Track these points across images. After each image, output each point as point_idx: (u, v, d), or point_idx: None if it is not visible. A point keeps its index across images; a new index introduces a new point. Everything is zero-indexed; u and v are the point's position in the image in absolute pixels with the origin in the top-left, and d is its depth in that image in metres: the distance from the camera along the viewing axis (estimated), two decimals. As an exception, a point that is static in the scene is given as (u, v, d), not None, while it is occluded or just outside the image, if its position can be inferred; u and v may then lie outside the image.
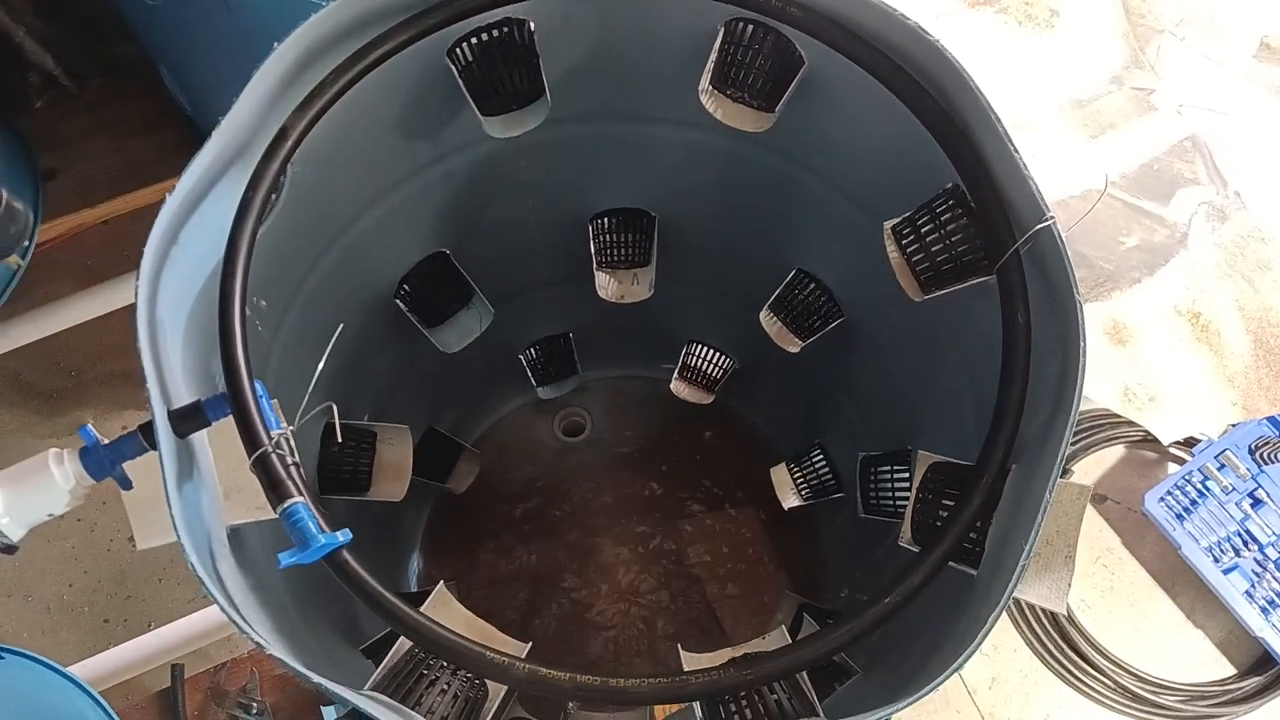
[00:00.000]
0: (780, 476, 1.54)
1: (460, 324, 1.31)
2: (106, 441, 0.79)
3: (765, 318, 1.33)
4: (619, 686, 0.71)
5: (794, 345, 1.31)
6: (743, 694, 0.74)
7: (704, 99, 1.04)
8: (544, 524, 1.69)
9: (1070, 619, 1.63)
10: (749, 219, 1.27)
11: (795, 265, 1.27)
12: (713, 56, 1.00)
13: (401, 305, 1.25)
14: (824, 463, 1.50)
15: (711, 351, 1.60)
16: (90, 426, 0.75)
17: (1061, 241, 0.80)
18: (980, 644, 0.70)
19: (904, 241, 0.98)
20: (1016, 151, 0.82)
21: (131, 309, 0.77)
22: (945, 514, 0.92)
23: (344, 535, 0.73)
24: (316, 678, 0.67)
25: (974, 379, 1.03)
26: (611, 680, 0.71)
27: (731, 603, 1.65)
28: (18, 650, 1.45)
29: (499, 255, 1.32)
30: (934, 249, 0.95)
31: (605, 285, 1.35)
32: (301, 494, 0.74)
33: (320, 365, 0.87)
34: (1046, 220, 0.80)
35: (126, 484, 0.77)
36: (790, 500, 1.53)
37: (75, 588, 2.12)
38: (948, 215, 0.93)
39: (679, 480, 1.73)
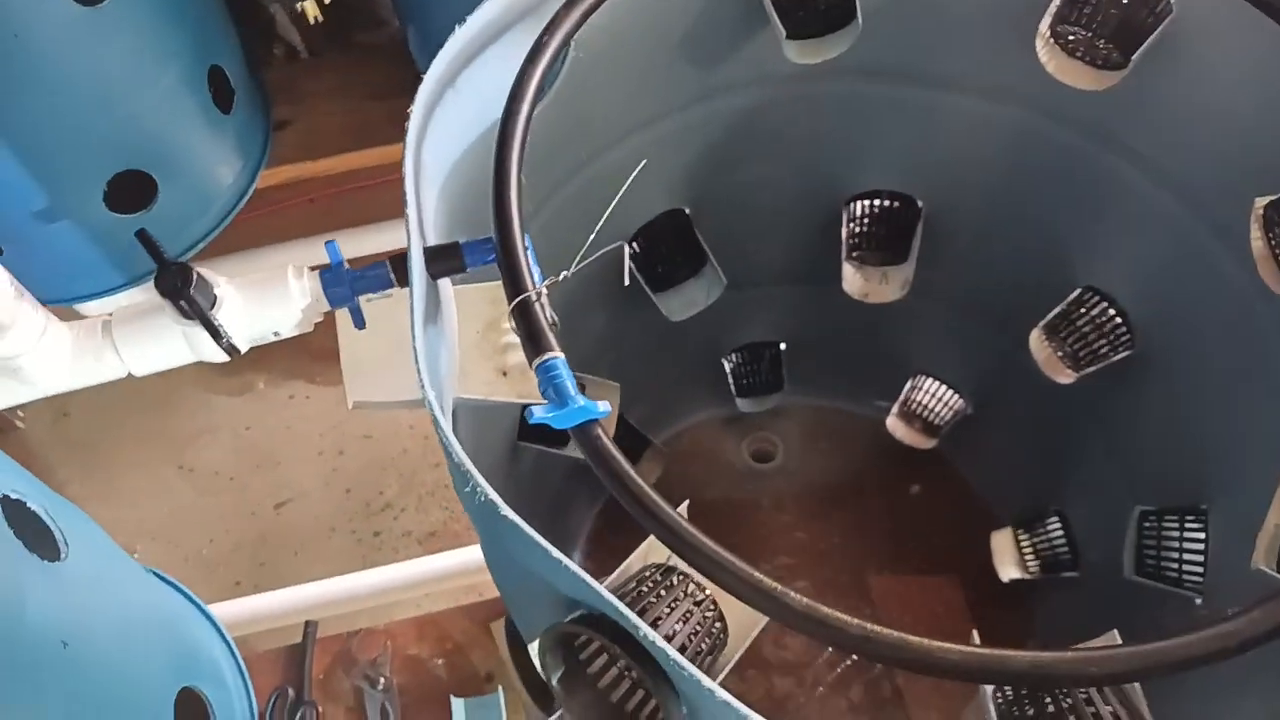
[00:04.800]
0: (1002, 543, 1.34)
1: (687, 293, 1.20)
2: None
3: (1036, 340, 1.16)
4: (924, 648, 0.55)
5: (1065, 376, 1.14)
6: (1065, 694, 0.57)
7: (1039, 46, 0.91)
8: (714, 552, 1.51)
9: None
10: (1032, 219, 1.12)
11: (1080, 277, 1.10)
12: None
13: (630, 262, 1.14)
14: (1060, 532, 1.30)
15: (943, 388, 1.43)
16: (337, 244, 0.66)
17: None
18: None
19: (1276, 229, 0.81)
20: None
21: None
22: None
23: (604, 406, 0.61)
24: (557, 552, 0.54)
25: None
26: (912, 640, 0.55)
27: (918, 686, 1.44)
28: (167, 578, 1.40)
29: (734, 228, 1.21)
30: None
31: (850, 279, 1.21)
32: (559, 351, 0.63)
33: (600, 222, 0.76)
34: None
35: (360, 320, 0.67)
36: (1011, 572, 1.33)
37: (215, 544, 2.08)
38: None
39: (872, 534, 1.54)
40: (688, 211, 1.15)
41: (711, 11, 0.93)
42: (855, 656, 0.63)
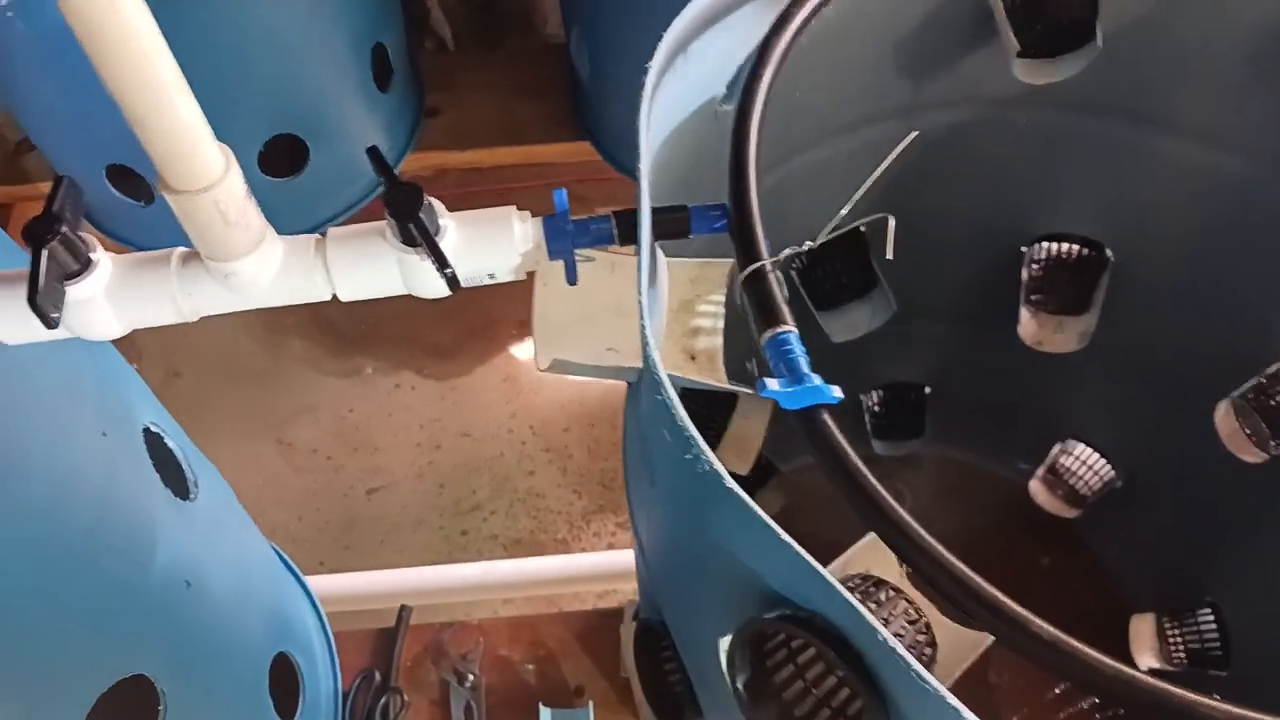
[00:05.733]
0: (1143, 629, 1.25)
1: (851, 314, 1.14)
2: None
3: (1223, 414, 1.08)
4: (1187, 701, 0.48)
5: (1253, 455, 1.05)
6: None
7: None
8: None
9: None
10: (1239, 283, 1.04)
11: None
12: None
13: (794, 274, 1.10)
14: (1214, 626, 1.20)
15: (1095, 456, 1.35)
16: (565, 192, 0.63)
17: None
18: None
19: None
20: None
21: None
22: None
23: (837, 391, 0.56)
24: (787, 537, 0.49)
25: None
26: (1175, 692, 0.49)
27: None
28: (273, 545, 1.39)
29: (903, 255, 1.15)
30: None
31: (1025, 323, 1.15)
32: (793, 325, 0.58)
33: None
34: None
35: (573, 276, 0.64)
36: (1150, 662, 1.23)
37: (304, 523, 2.07)
38: None
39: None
40: (863, 229, 1.10)
41: (938, 18, 0.88)
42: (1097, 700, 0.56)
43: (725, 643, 0.58)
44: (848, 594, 0.48)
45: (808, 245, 0.61)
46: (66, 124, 1.50)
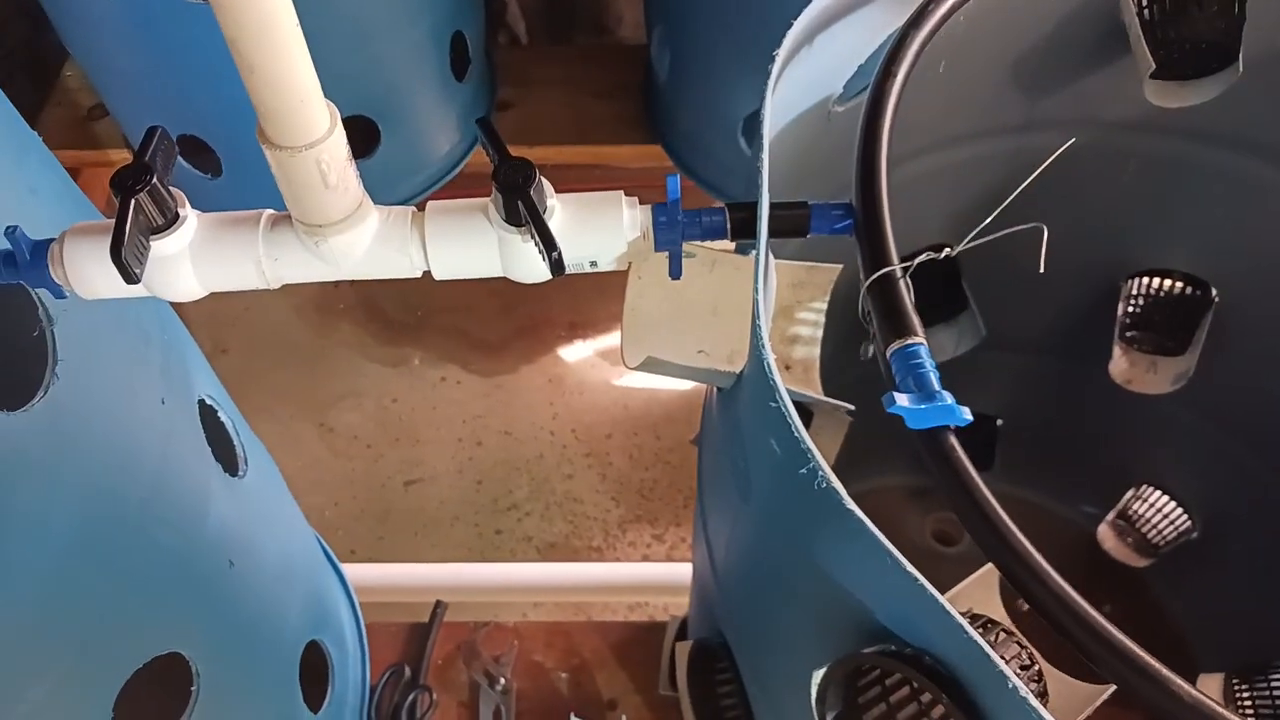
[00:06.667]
0: (1210, 690, 1.18)
1: (937, 337, 1.10)
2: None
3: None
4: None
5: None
6: None
7: None
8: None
9: None
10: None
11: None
12: None
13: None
14: (1288, 690, 1.14)
15: (1170, 503, 1.29)
16: (678, 179, 0.59)
17: None
18: None
19: None
20: None
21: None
22: None
23: (968, 413, 0.52)
24: (910, 567, 0.44)
25: None
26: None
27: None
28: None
29: (992, 281, 1.10)
30: None
31: (1117, 360, 1.10)
32: (923, 337, 0.54)
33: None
34: None
35: (678, 270, 0.60)
36: (1216, 722, 1.17)
37: (339, 509, 2.05)
38: None
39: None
40: (956, 251, 1.05)
41: (1065, 32, 0.84)
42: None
43: (818, 675, 0.54)
44: (977, 635, 0.43)
45: (946, 252, 0.57)
46: (142, 91, 1.49)
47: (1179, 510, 1.29)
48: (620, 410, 2.17)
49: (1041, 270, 0.60)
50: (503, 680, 1.33)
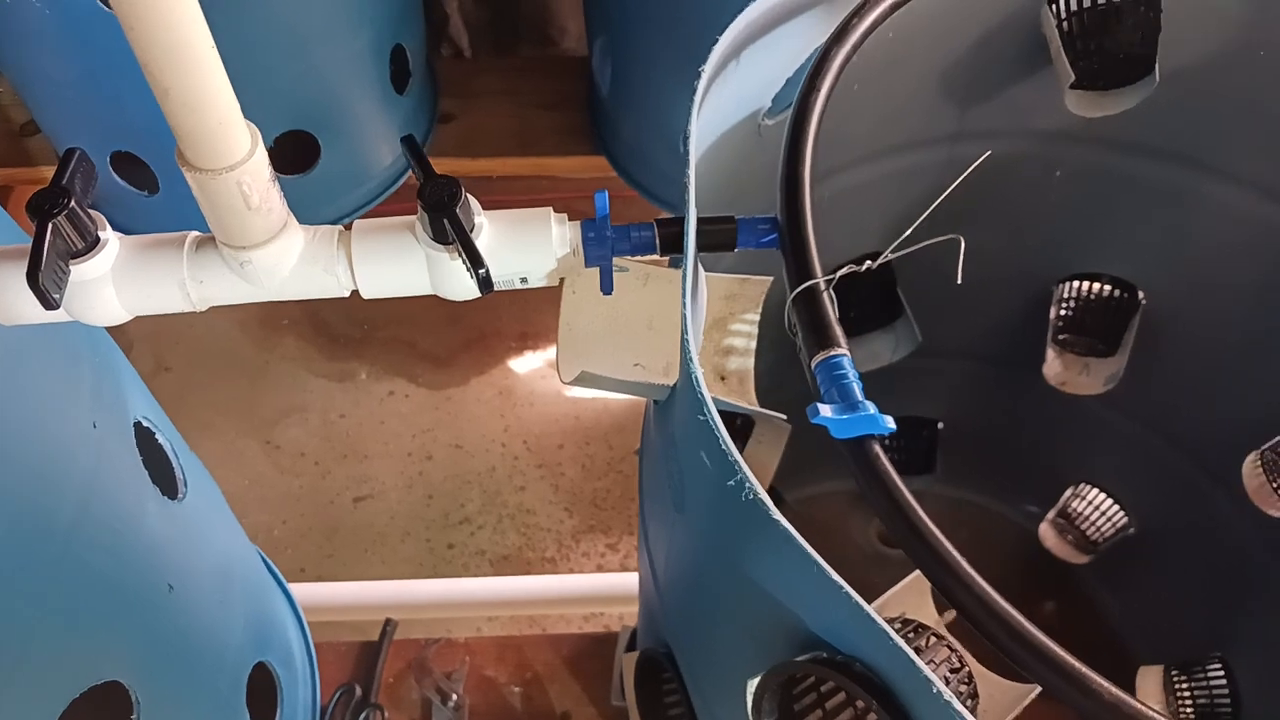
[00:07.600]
0: (1151, 682, 1.21)
1: (873, 344, 1.11)
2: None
3: (1249, 467, 1.05)
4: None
5: (1278, 508, 1.03)
6: None
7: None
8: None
9: None
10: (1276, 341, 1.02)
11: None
12: None
13: (818, 300, 1.07)
14: (1224, 682, 1.17)
15: (1108, 501, 1.32)
16: (606, 194, 0.59)
17: None
18: None
19: None
20: None
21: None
22: None
23: (891, 422, 0.53)
24: (836, 576, 0.45)
25: None
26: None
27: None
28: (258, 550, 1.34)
29: (928, 288, 1.12)
30: None
31: (1050, 363, 1.12)
32: (846, 348, 0.55)
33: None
34: None
35: (609, 285, 0.60)
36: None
37: (287, 527, 2.02)
38: None
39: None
40: (877, 263, 1.07)
41: (991, 45, 0.86)
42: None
43: (753, 684, 0.55)
44: (901, 641, 0.44)
45: (867, 265, 0.58)
46: (74, 107, 1.46)
47: (1117, 508, 1.32)
48: (572, 421, 2.17)
49: (959, 281, 0.61)
50: (454, 696, 1.33)
